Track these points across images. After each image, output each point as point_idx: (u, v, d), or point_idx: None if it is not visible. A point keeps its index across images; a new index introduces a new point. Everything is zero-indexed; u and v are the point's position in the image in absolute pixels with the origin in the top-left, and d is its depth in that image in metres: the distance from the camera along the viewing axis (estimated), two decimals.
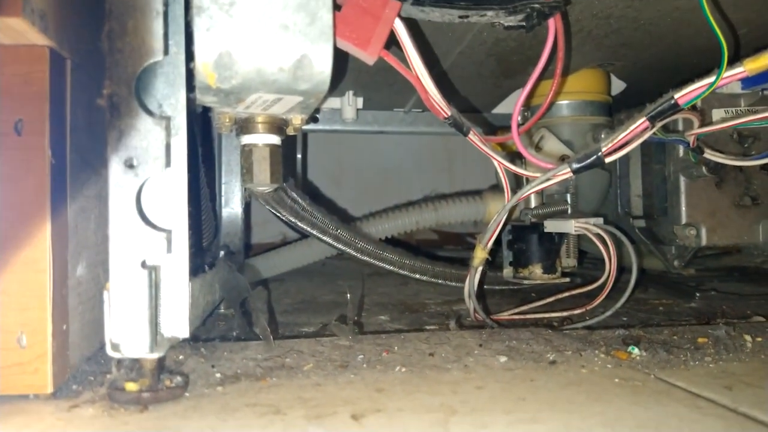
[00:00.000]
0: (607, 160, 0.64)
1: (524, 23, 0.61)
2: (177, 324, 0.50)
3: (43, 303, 0.49)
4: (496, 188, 1.12)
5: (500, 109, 1.22)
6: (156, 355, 0.49)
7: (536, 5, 0.58)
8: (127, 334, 0.48)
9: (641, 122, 0.62)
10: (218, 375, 0.55)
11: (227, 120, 0.64)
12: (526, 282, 0.96)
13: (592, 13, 0.73)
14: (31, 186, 0.49)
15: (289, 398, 0.50)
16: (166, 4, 0.50)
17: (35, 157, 0.49)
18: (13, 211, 0.49)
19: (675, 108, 0.60)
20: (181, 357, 0.60)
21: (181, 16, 0.51)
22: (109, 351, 0.49)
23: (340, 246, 0.97)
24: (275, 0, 0.51)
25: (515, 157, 0.90)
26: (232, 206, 1.06)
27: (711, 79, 0.58)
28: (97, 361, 0.59)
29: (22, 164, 0.49)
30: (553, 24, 0.62)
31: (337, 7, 0.54)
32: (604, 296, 0.80)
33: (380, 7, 0.56)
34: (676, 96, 0.60)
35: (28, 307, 0.49)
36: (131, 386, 0.49)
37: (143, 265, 0.49)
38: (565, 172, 0.66)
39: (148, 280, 0.48)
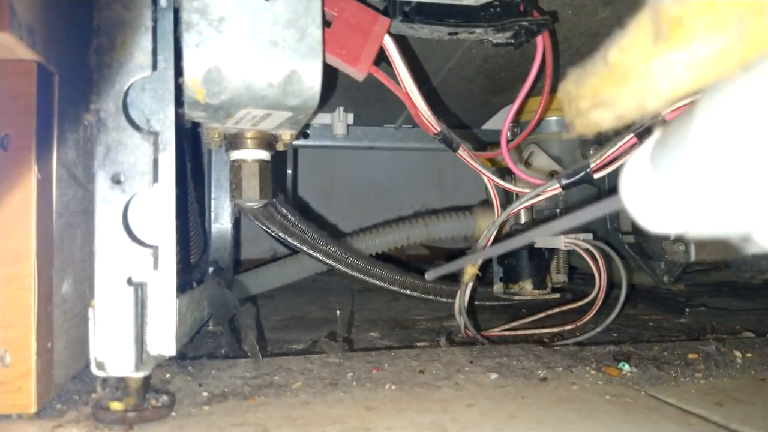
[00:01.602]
0: (596, 176, 0.65)
1: (513, 40, 0.62)
2: (163, 342, 0.49)
3: (28, 320, 0.49)
4: (486, 204, 1.12)
5: (490, 125, 1.22)
6: (141, 374, 0.49)
7: (524, 23, 0.59)
8: (113, 353, 0.48)
9: (629, 139, 0.62)
10: (205, 394, 0.55)
11: (216, 135, 0.63)
12: (516, 298, 0.96)
13: (580, 31, 0.74)
14: (17, 201, 0.49)
15: (277, 417, 0.49)
16: (155, 20, 0.50)
17: (21, 173, 0.49)
18: None
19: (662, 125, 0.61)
20: (167, 375, 0.59)
21: (170, 31, 0.51)
22: (93, 369, 0.48)
23: (330, 262, 0.96)
24: (265, 16, 0.51)
25: (505, 172, 0.90)
26: (221, 222, 1.05)
27: (697, 96, 0.59)
28: (82, 379, 0.58)
29: (8, 179, 0.49)
30: (542, 41, 0.63)
31: (326, 24, 0.55)
32: (594, 312, 0.80)
33: (369, 24, 0.56)
34: (664, 113, 0.60)
35: (11, 324, 0.48)
36: (116, 405, 0.48)
37: (129, 281, 0.48)
38: (554, 188, 0.67)
39: (134, 297, 0.48)
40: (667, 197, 0.25)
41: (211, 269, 0.88)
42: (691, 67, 0.23)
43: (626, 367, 0.62)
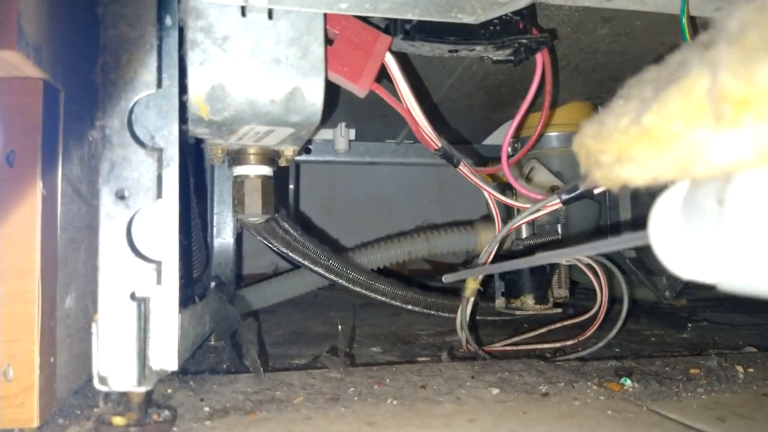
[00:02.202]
0: (597, 191, 0.65)
1: (512, 57, 0.62)
2: (166, 357, 0.49)
3: (31, 335, 0.49)
4: (488, 218, 1.13)
5: (490, 140, 1.23)
6: (144, 389, 0.49)
7: (524, 40, 0.59)
8: (115, 367, 0.48)
9: None
10: (207, 409, 0.55)
11: (219, 151, 0.64)
12: (518, 312, 0.96)
13: (579, 47, 0.75)
14: (22, 216, 0.49)
15: None
16: (160, 39, 0.51)
17: (26, 188, 0.49)
18: (3, 241, 0.49)
19: None
20: (169, 390, 0.59)
21: (175, 50, 0.51)
22: (96, 384, 0.48)
23: (331, 277, 0.97)
24: (268, 35, 0.51)
25: (506, 188, 0.91)
26: (223, 237, 1.05)
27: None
28: (84, 394, 0.58)
29: (13, 195, 0.49)
30: (541, 58, 0.63)
31: (329, 42, 0.55)
32: (596, 327, 0.80)
33: (371, 42, 0.57)
34: None
35: (15, 339, 0.49)
36: (118, 420, 0.48)
37: (132, 296, 0.48)
38: (555, 203, 0.67)
39: (137, 312, 0.48)
40: (699, 252, 0.24)
41: (213, 284, 0.89)
42: (758, 149, 0.20)
43: (628, 382, 0.62)
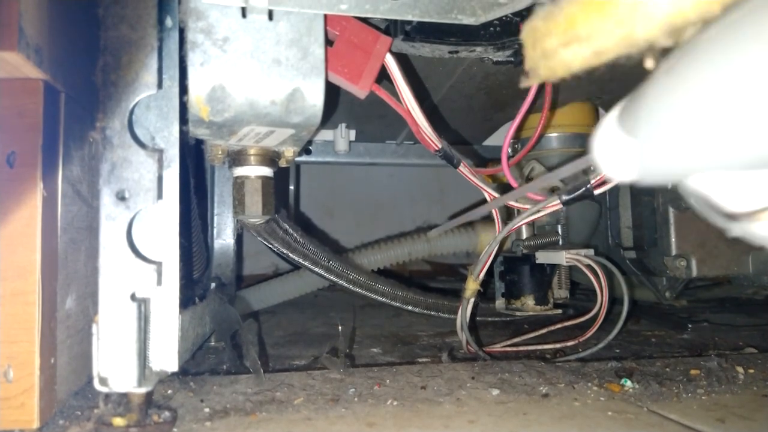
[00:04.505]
0: (597, 191, 0.65)
1: (512, 58, 0.63)
2: (166, 357, 0.50)
3: (31, 336, 0.49)
4: (488, 219, 1.13)
5: (491, 141, 1.23)
6: (144, 390, 0.49)
7: None
8: (116, 368, 0.48)
9: None
10: (207, 410, 0.55)
11: (220, 152, 0.64)
12: (518, 313, 0.96)
13: None
14: (22, 217, 0.49)
15: None
16: (160, 39, 0.51)
17: (27, 189, 0.49)
18: (3, 242, 0.49)
19: None
20: (169, 391, 0.59)
21: (176, 50, 0.52)
22: (96, 385, 0.48)
23: (332, 277, 0.97)
24: (268, 36, 0.52)
25: (506, 188, 0.91)
26: (224, 238, 1.05)
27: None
28: (84, 395, 0.58)
29: (14, 196, 0.49)
30: None
31: (329, 43, 0.55)
32: (596, 328, 0.80)
33: (371, 43, 0.57)
34: None
35: (15, 339, 0.49)
36: (118, 421, 0.48)
37: (133, 297, 0.48)
38: (555, 204, 0.67)
39: (138, 313, 0.48)
40: (628, 152, 0.28)
41: (213, 285, 0.89)
42: None
43: (628, 383, 0.62)
